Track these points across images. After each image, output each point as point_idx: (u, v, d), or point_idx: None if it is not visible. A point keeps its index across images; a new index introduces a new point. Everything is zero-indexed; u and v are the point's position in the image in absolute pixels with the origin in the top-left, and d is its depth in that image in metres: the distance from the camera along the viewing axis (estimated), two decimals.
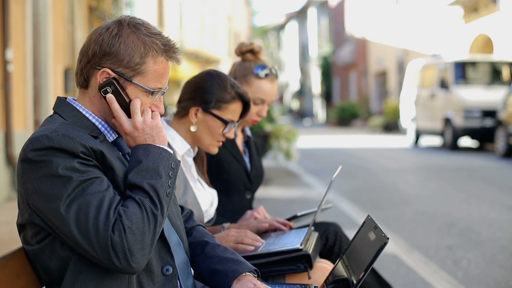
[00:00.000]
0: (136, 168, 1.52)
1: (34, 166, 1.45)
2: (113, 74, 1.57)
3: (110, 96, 1.57)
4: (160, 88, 1.62)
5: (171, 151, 1.58)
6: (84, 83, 1.61)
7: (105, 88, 1.57)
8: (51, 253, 1.51)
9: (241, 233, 2.16)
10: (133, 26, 1.59)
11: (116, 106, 1.57)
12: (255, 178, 2.76)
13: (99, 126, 1.61)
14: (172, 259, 1.61)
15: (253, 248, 2.13)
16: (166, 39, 1.62)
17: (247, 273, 1.68)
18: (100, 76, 1.57)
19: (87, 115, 1.61)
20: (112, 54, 1.56)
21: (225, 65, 30.47)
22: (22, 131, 7.24)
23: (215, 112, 2.25)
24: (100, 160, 1.51)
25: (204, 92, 2.26)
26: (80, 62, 1.61)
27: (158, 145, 1.57)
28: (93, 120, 1.61)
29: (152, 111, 1.63)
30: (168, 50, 1.61)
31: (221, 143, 2.32)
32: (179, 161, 1.59)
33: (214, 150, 2.32)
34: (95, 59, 1.57)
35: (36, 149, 1.45)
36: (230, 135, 2.30)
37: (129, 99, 1.59)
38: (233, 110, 2.28)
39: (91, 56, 1.58)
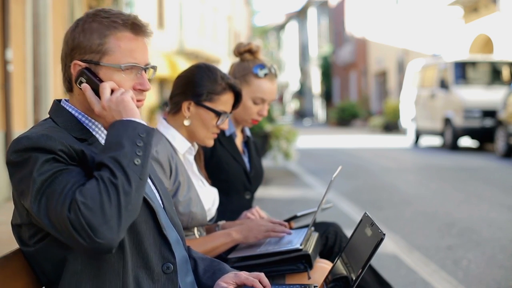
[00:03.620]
0: (102, 147, 1.50)
1: (16, 167, 1.46)
2: (83, 64, 1.57)
3: (84, 86, 1.57)
4: (135, 63, 1.59)
5: (141, 121, 1.52)
6: (69, 87, 1.63)
7: (79, 80, 1.57)
8: (48, 254, 1.51)
9: (270, 223, 2.22)
10: (92, 14, 1.59)
11: (89, 93, 1.56)
12: (255, 178, 2.76)
13: (93, 127, 1.61)
14: (173, 256, 1.60)
15: (284, 235, 2.19)
16: (127, 15, 1.61)
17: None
18: (73, 70, 1.58)
19: (79, 116, 1.61)
20: (76, 46, 1.57)
21: (225, 65, 30.47)
22: (22, 131, 7.23)
23: (207, 104, 2.25)
24: (81, 159, 1.50)
25: (195, 85, 2.26)
26: (62, 68, 1.63)
27: (124, 118, 1.52)
28: (86, 121, 1.61)
29: (137, 90, 1.60)
30: (130, 24, 1.59)
31: (216, 135, 2.32)
32: (153, 128, 1.53)
33: (210, 143, 2.32)
34: (67, 58, 1.60)
35: (17, 150, 1.46)
36: (224, 126, 2.30)
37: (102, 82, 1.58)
38: (225, 101, 2.28)
39: (64, 58, 1.61)
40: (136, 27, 1.59)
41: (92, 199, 1.38)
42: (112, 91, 1.56)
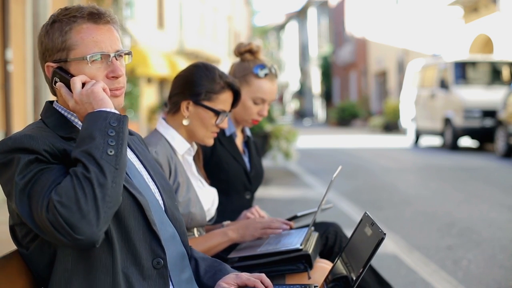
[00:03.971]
0: (75, 144, 1.49)
1: (1, 169, 1.47)
2: (54, 65, 1.58)
3: (58, 84, 1.58)
4: (102, 52, 1.58)
5: (112, 110, 1.50)
6: (51, 90, 1.64)
7: (54, 80, 1.59)
8: (40, 253, 1.52)
9: (267, 220, 2.22)
10: (55, 16, 1.60)
11: (63, 91, 1.57)
12: (255, 178, 2.76)
13: (80, 123, 1.61)
14: (163, 251, 1.59)
15: (280, 231, 2.17)
16: (85, 7, 1.60)
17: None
18: (48, 72, 1.60)
19: (68, 115, 1.62)
20: (45, 49, 1.59)
21: (225, 65, 30.47)
22: None
23: (206, 103, 2.25)
24: (64, 156, 1.50)
25: (193, 85, 2.26)
26: (43, 72, 1.65)
27: (95, 110, 1.51)
28: (72, 118, 1.62)
29: (110, 78, 1.59)
30: (87, 14, 1.58)
31: (215, 134, 2.32)
32: (126, 116, 1.52)
33: (210, 142, 2.32)
34: (42, 62, 1.62)
35: (1, 151, 1.47)
36: (223, 125, 2.30)
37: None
38: (223, 100, 2.27)
39: (40, 63, 1.63)
40: (94, 16, 1.58)
41: (67, 196, 1.38)
42: (84, 84, 1.56)
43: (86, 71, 1.57)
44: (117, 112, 1.51)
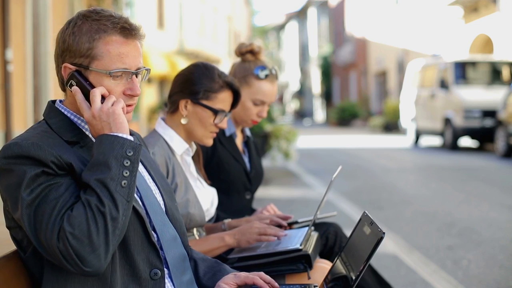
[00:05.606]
0: (89, 164, 1.48)
1: (3, 174, 1.46)
2: (73, 67, 1.56)
3: (74, 89, 1.55)
4: (125, 69, 1.56)
5: (129, 137, 1.50)
6: (62, 87, 1.62)
7: (70, 82, 1.56)
8: (36, 257, 1.51)
9: (265, 225, 2.18)
10: (83, 16, 1.57)
11: (79, 97, 1.55)
12: (255, 178, 2.77)
13: (86, 127, 1.60)
14: (160, 262, 1.59)
15: (275, 238, 2.15)
16: (118, 18, 1.57)
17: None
18: (64, 72, 1.57)
19: (71, 117, 1.60)
20: (66, 48, 1.56)
21: (225, 65, 30.46)
22: (22, 131, 7.24)
23: (204, 102, 2.25)
24: (70, 169, 1.48)
25: (192, 84, 2.25)
26: (56, 68, 1.62)
27: (113, 133, 1.49)
28: (79, 122, 1.60)
29: (127, 95, 1.58)
30: (120, 27, 1.55)
31: (215, 134, 2.31)
32: (140, 145, 1.51)
33: (209, 142, 2.31)
34: (59, 59, 1.59)
35: (6, 156, 1.45)
36: (223, 125, 2.29)
37: (92, 87, 1.55)
38: (222, 99, 2.27)
39: (56, 58, 1.60)
40: (125, 30, 1.56)
41: (80, 229, 1.38)
42: (103, 97, 1.54)
43: (105, 83, 1.55)
44: (132, 139, 1.51)
